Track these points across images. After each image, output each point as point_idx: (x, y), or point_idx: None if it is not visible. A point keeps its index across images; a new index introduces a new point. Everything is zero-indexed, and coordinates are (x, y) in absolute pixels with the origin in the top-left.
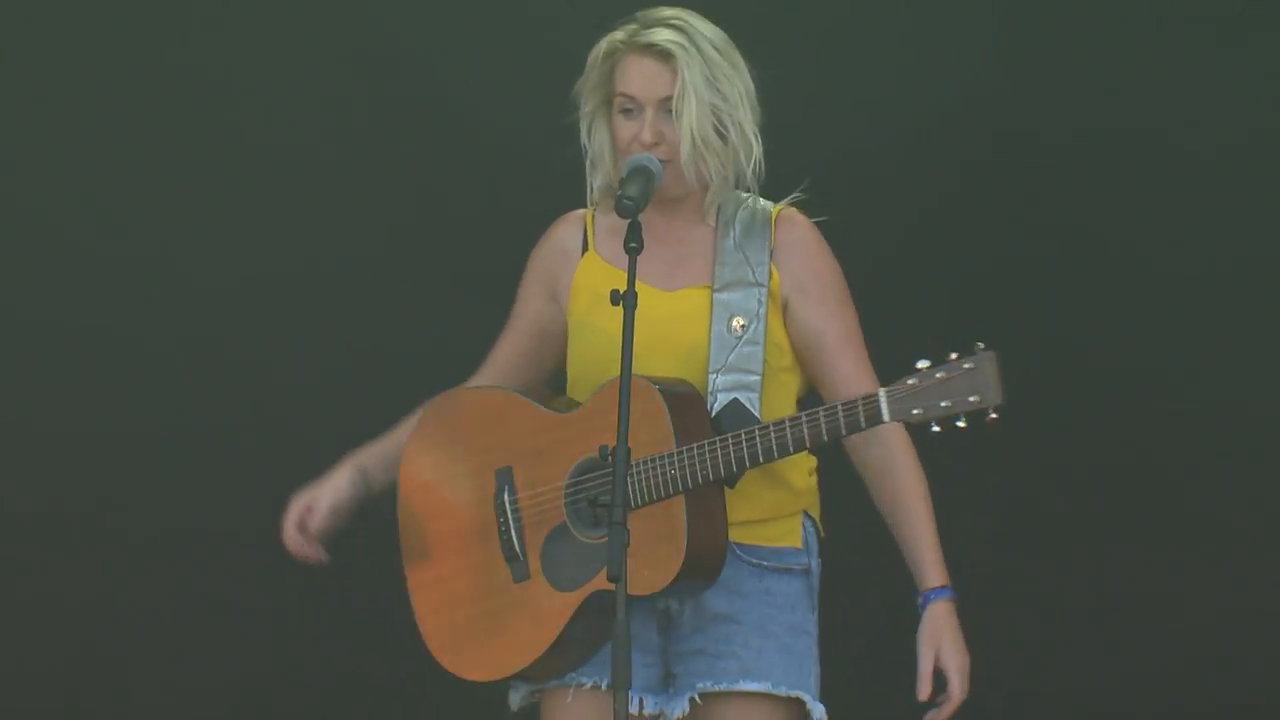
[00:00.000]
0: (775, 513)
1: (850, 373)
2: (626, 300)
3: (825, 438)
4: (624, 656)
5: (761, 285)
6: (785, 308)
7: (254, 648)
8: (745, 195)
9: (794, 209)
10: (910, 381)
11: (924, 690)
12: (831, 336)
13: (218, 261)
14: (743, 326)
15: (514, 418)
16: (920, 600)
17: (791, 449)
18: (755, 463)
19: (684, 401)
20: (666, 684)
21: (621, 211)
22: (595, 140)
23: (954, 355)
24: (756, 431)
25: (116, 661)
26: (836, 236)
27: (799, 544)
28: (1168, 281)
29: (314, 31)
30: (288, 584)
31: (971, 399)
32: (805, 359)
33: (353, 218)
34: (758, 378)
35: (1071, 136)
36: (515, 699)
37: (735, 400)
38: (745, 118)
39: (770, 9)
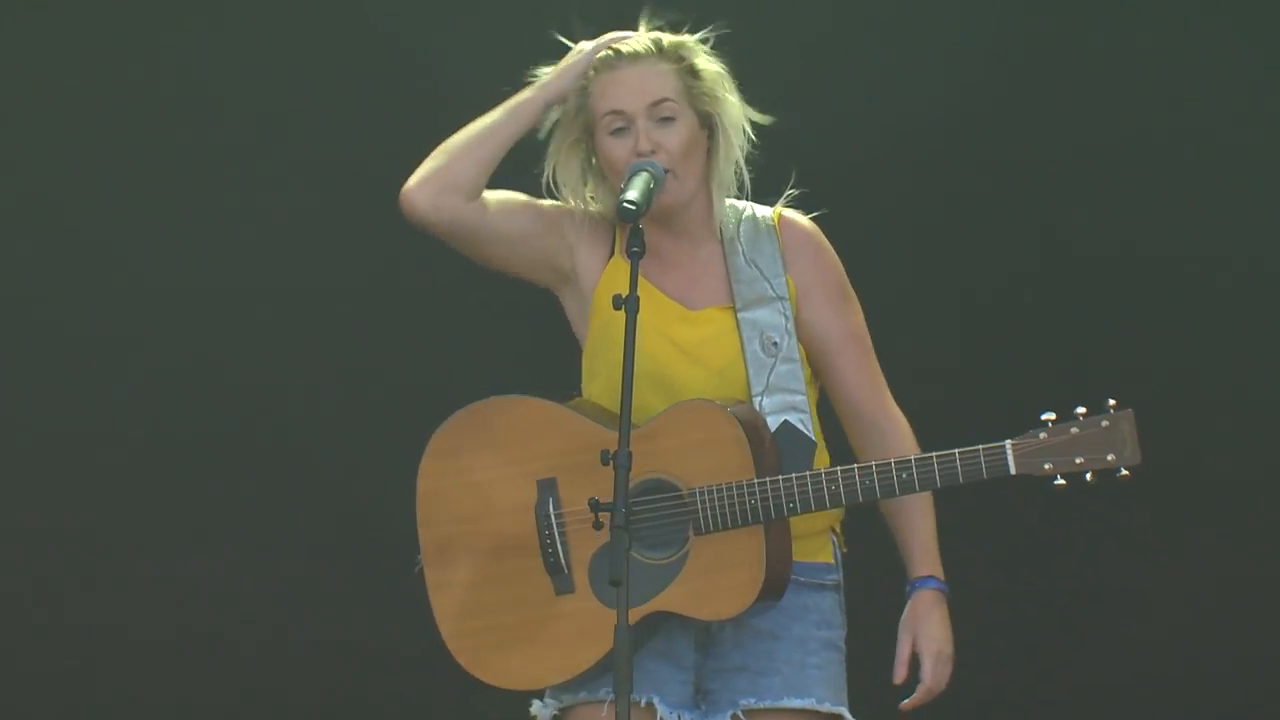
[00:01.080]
0: (809, 529)
1: (854, 374)
2: (629, 306)
3: (939, 484)
4: (625, 661)
5: (783, 299)
6: (798, 314)
7: (249, 654)
8: (741, 205)
9: (793, 210)
10: (1041, 435)
11: (900, 673)
12: (837, 337)
13: (213, 266)
14: (775, 344)
15: (561, 430)
16: (908, 588)
17: (898, 491)
18: (853, 501)
19: (757, 428)
20: (697, 701)
21: (623, 216)
22: (564, 174)
23: (1081, 410)
24: (856, 470)
25: (109, 668)
26: (838, 240)
27: (831, 559)
28: (1167, 282)
29: (320, 34)
30: (283, 590)
31: (1109, 457)
32: (812, 361)
33: (352, 223)
34: (803, 396)
35: (1071, 139)
36: (544, 713)
37: (786, 422)
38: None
39: (770, 13)
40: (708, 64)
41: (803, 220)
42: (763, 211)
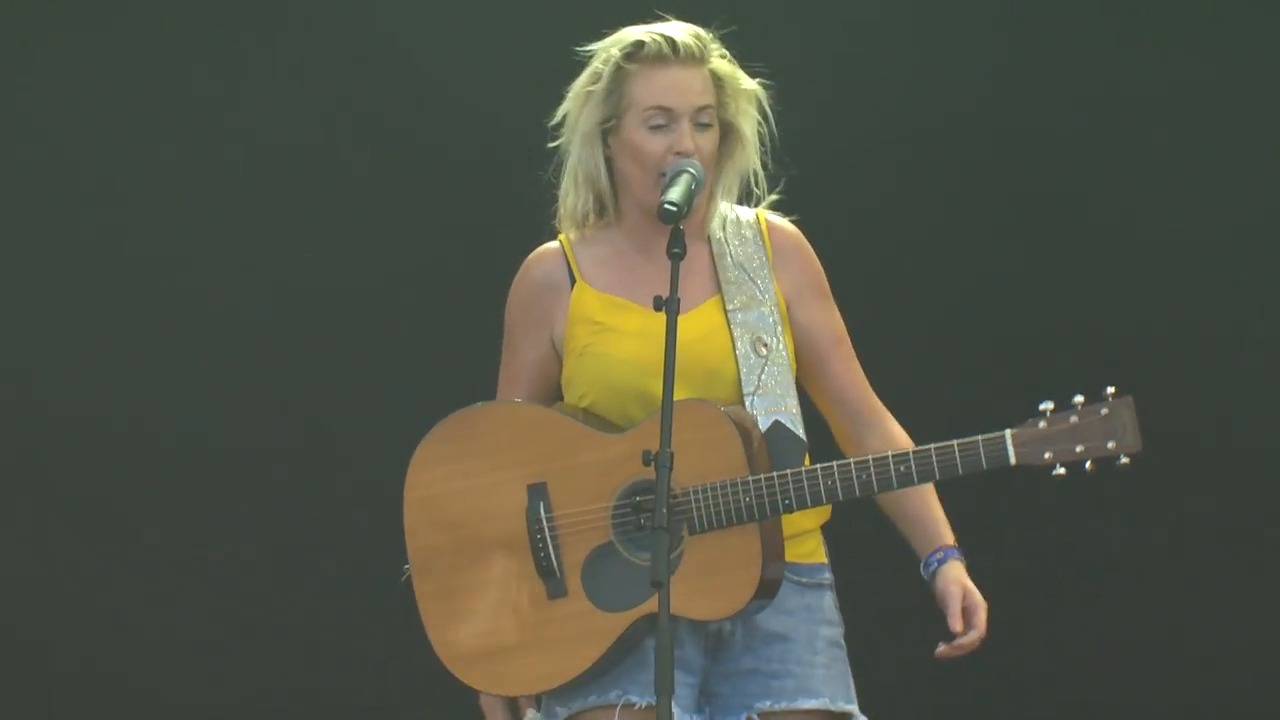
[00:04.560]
0: (802, 529)
1: (846, 372)
2: (669, 307)
3: (937, 476)
4: (666, 660)
5: (772, 302)
6: (788, 316)
7: (264, 661)
8: (723, 206)
9: (776, 213)
10: (1040, 425)
11: (958, 624)
12: (827, 338)
13: (225, 270)
14: (765, 345)
15: (549, 433)
16: (939, 556)
17: (895, 484)
18: (849, 496)
19: (747, 427)
20: (701, 705)
21: (664, 218)
22: (588, 161)
23: (1080, 399)
24: (853, 464)
25: (122, 673)
26: (847, 237)
27: (824, 559)
28: (1171, 279)
29: (327, 38)
30: (300, 598)
31: (1110, 445)
32: (802, 363)
33: (366, 230)
34: (793, 398)
35: (1075, 135)
36: None
37: (777, 422)
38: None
39: (774, 13)
40: (742, 78)
41: (787, 224)
42: (745, 214)
